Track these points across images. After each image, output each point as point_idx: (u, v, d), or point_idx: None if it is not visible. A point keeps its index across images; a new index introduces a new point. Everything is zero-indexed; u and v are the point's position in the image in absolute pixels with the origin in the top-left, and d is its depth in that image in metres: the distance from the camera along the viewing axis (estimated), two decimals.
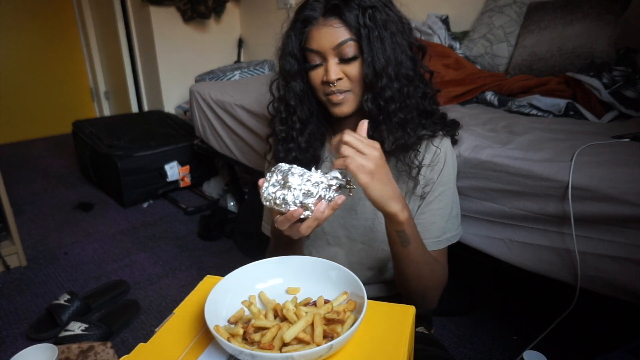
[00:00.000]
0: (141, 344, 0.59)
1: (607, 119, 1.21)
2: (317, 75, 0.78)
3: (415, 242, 0.73)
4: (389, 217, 0.70)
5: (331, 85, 0.76)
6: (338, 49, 0.75)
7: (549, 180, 0.89)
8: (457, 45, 1.77)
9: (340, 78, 0.76)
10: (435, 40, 1.78)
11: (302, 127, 0.84)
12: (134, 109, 3.44)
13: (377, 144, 0.66)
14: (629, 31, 1.44)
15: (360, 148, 0.64)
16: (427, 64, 0.85)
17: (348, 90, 0.78)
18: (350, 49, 0.75)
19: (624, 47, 1.38)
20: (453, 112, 1.29)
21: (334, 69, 0.75)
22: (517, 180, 0.94)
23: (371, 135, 0.79)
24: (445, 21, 1.87)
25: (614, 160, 0.86)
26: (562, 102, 1.27)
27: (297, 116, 0.83)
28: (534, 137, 1.04)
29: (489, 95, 1.45)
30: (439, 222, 0.83)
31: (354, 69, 0.76)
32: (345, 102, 0.79)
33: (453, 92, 1.48)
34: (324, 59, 0.77)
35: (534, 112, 1.30)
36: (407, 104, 0.77)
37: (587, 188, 0.84)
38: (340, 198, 0.66)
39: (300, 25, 0.78)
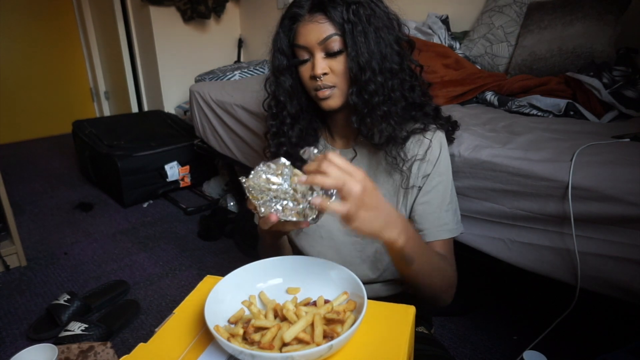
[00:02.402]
0: (141, 344, 0.59)
1: (607, 119, 1.21)
2: (305, 70, 0.81)
3: (421, 258, 0.70)
4: (387, 244, 0.65)
5: (318, 79, 0.79)
6: (323, 43, 0.77)
7: (549, 180, 0.89)
8: (457, 45, 1.77)
9: (326, 73, 0.78)
10: (435, 40, 1.78)
11: (292, 122, 0.86)
12: (134, 109, 3.44)
13: (361, 172, 0.59)
14: (629, 31, 1.44)
15: (348, 171, 0.57)
16: (421, 60, 0.86)
17: (333, 86, 0.80)
18: (335, 44, 0.77)
19: (624, 47, 1.38)
20: (453, 112, 1.29)
21: (320, 64, 0.78)
22: (517, 180, 0.94)
23: (357, 128, 0.81)
24: (445, 21, 1.87)
25: (614, 160, 0.86)
26: (562, 102, 1.27)
27: (287, 111, 0.85)
28: (534, 137, 1.04)
29: (489, 95, 1.45)
30: (437, 212, 0.84)
31: (339, 63, 0.78)
32: (332, 97, 0.81)
33: (453, 92, 1.48)
34: (311, 54, 0.79)
35: (534, 112, 1.30)
36: (392, 97, 0.79)
37: (587, 188, 0.84)
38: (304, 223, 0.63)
39: (288, 22, 0.81)
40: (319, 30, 0.76)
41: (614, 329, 1.28)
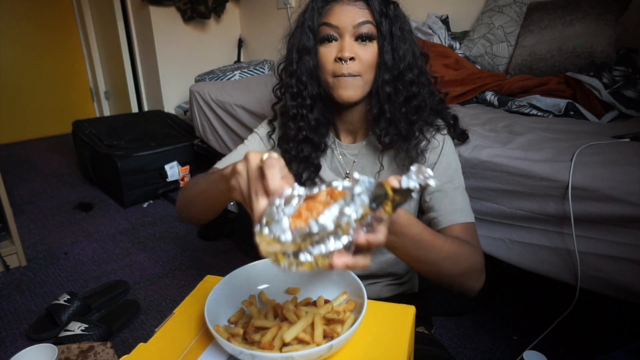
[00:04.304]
0: (141, 344, 0.59)
1: (607, 119, 1.21)
2: (330, 51, 0.79)
3: (410, 244, 0.64)
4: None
5: (343, 62, 0.77)
6: (358, 27, 0.76)
7: (549, 180, 0.89)
8: (457, 45, 1.77)
9: (353, 58, 0.77)
10: (435, 40, 1.78)
11: (312, 104, 0.84)
12: (134, 109, 3.44)
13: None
14: (629, 31, 1.45)
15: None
16: (428, 70, 0.87)
17: (357, 75, 0.78)
18: (369, 30, 0.77)
19: (624, 47, 1.38)
20: None
21: (349, 47, 0.77)
22: (517, 180, 0.94)
23: (389, 118, 0.79)
24: (445, 21, 1.87)
25: (614, 160, 0.86)
26: (562, 102, 1.27)
27: (308, 92, 0.83)
28: (534, 137, 1.04)
29: (489, 95, 1.45)
30: (451, 195, 0.80)
31: (368, 52, 0.78)
32: (354, 88, 0.79)
33: (453, 92, 1.48)
34: (341, 36, 0.78)
35: (534, 112, 1.30)
36: (423, 92, 0.81)
37: (587, 188, 0.84)
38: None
39: (322, 1, 0.80)
40: (356, 14, 0.76)
41: (614, 329, 1.28)
